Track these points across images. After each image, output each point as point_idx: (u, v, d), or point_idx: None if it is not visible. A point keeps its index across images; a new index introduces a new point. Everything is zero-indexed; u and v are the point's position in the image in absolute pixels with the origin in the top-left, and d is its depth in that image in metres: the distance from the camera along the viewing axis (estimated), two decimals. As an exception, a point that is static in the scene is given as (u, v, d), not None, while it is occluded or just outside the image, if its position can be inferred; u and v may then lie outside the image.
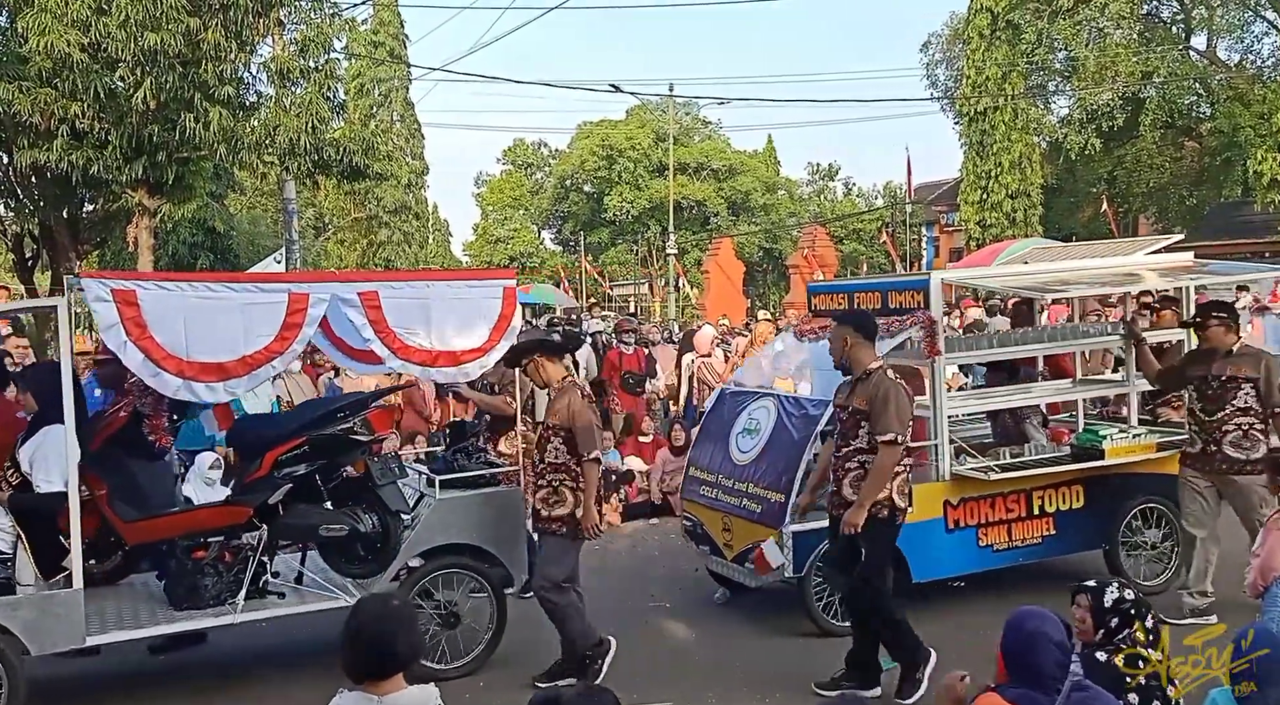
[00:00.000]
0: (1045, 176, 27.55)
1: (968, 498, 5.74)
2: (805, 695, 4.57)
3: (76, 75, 11.12)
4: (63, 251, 13.43)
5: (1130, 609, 3.17)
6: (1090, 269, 6.58)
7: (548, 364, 5.07)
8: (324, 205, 35.00)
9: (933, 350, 5.68)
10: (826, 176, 54.28)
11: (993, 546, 5.81)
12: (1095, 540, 6.05)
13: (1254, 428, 5.34)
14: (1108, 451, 5.80)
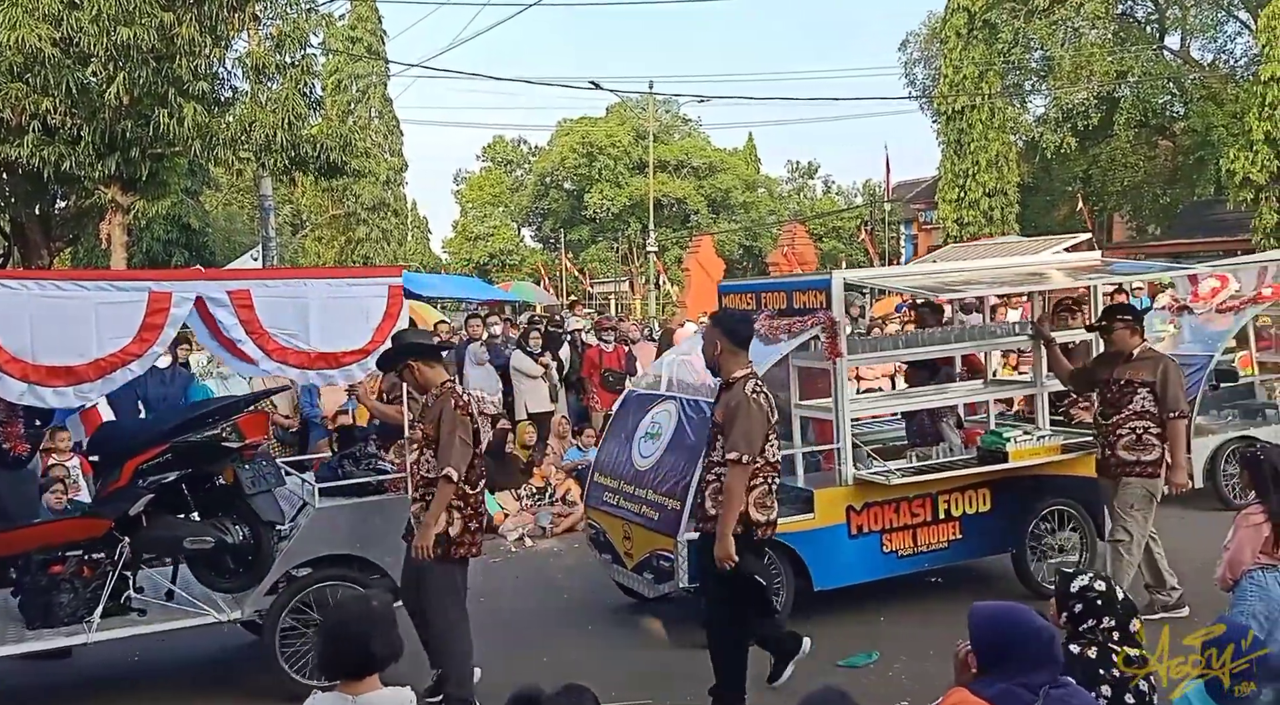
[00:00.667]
0: (1022, 175, 27.74)
1: (871, 503, 5.62)
2: (785, 696, 4.58)
3: (48, 70, 10.97)
4: (35, 248, 13.26)
5: (1097, 599, 3.12)
6: (996, 268, 6.53)
7: (425, 368, 4.66)
8: (301, 202, 34.69)
9: (834, 351, 5.56)
10: (806, 174, 54.49)
11: (897, 552, 5.71)
12: (1003, 544, 5.97)
13: (1149, 432, 5.33)
14: (1011, 454, 5.71)
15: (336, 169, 14.17)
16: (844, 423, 5.57)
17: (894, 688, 4.71)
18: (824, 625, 5.61)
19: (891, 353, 6.34)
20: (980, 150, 26.24)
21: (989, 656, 2.64)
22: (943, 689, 2.67)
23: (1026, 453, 5.77)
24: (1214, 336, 8.15)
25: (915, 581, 6.30)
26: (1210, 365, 7.86)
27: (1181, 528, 7.12)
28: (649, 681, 4.90)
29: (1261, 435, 7.80)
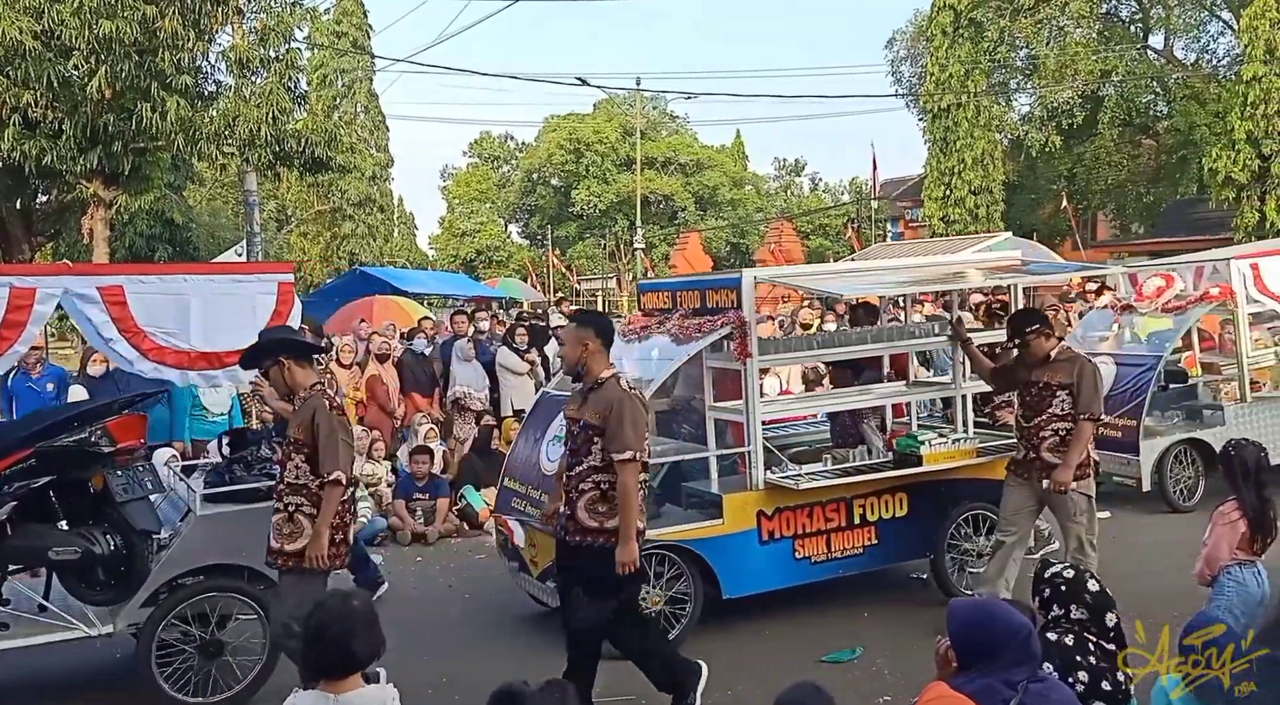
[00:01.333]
0: (1007, 173, 27.87)
1: (783, 507, 5.45)
2: (769, 687, 4.59)
3: (29, 63, 10.86)
4: (16, 243, 13.13)
5: (1061, 586, 3.17)
6: (915, 268, 6.42)
7: (295, 369, 4.37)
8: (287, 198, 34.52)
9: (743, 352, 5.37)
10: (793, 172, 54.65)
11: (810, 558, 5.56)
12: (921, 549, 5.85)
13: (1071, 434, 5.24)
14: (925, 458, 5.56)
15: (321, 164, 14.08)
16: (754, 426, 5.38)
17: (877, 682, 4.73)
18: (807, 620, 5.65)
19: (806, 353, 6.15)
20: (966, 148, 26.35)
21: (968, 652, 2.66)
22: (925, 684, 2.69)
23: (941, 456, 5.61)
24: (1161, 336, 8.08)
25: (899, 576, 6.34)
26: (1160, 365, 7.79)
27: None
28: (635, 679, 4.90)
29: (1208, 437, 7.78)
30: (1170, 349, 7.96)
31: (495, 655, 5.32)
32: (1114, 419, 7.55)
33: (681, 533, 5.30)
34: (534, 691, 2.30)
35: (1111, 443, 7.65)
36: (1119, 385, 7.74)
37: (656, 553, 5.14)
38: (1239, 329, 8.02)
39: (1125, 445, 7.72)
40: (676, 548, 5.25)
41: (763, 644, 5.35)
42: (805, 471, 5.59)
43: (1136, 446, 7.65)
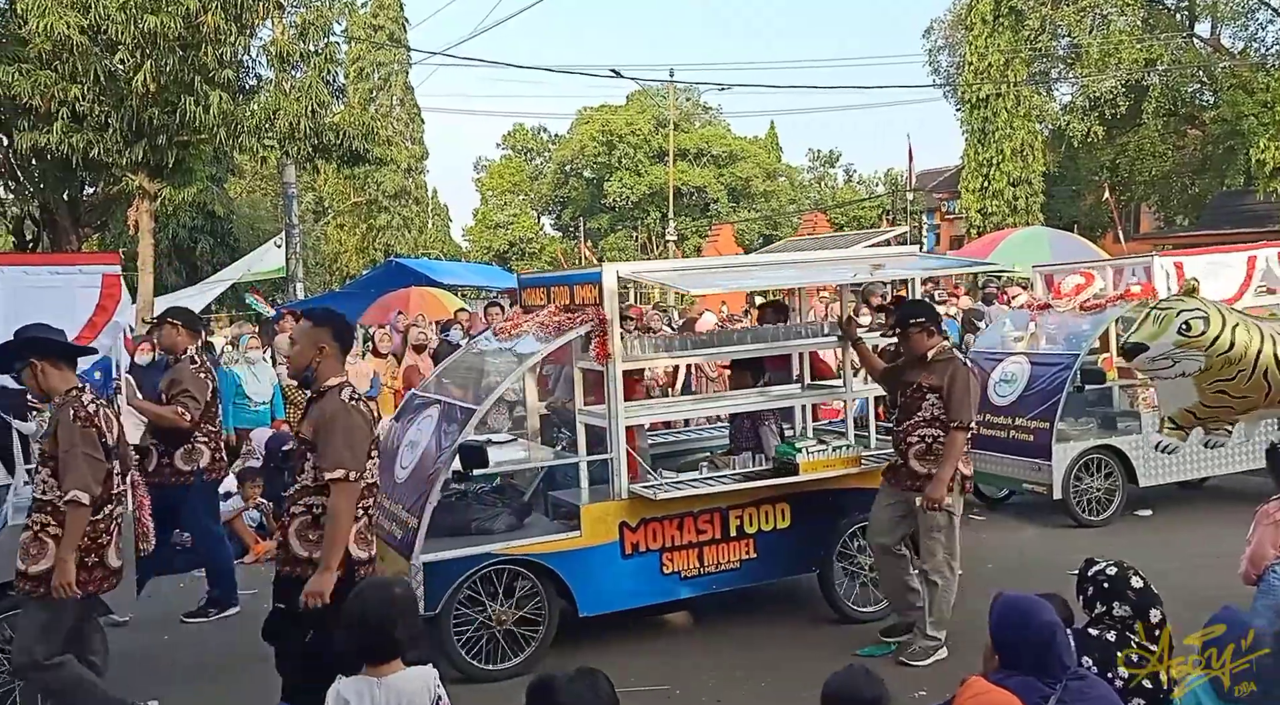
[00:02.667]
0: (1047, 164, 27.44)
1: (649, 518, 5.07)
2: (800, 682, 4.60)
3: (76, 58, 11.11)
4: (63, 234, 13.44)
5: (1104, 583, 3.18)
6: (788, 262, 6.00)
7: (50, 371, 3.93)
8: (324, 190, 34.93)
9: (603, 353, 4.97)
10: (827, 163, 54.20)
11: (680, 573, 5.18)
12: (806, 563, 5.47)
13: (939, 441, 4.87)
14: (801, 466, 5.19)
15: (358, 157, 14.26)
16: (617, 431, 5.02)
17: (911, 677, 4.72)
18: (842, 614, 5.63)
19: (678, 354, 5.66)
20: (1005, 139, 25.98)
21: (1006, 649, 2.68)
22: (960, 678, 2.69)
23: (821, 464, 5.24)
24: (1078, 336, 7.67)
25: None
26: (1075, 365, 7.35)
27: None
28: (669, 669, 4.94)
29: (1123, 445, 7.38)
30: (1086, 348, 7.51)
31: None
32: (1026, 421, 7.31)
33: (532, 546, 4.91)
34: (566, 681, 2.32)
35: (1022, 447, 7.32)
36: (1033, 386, 7.44)
37: (505, 568, 4.82)
38: None
39: (1037, 449, 7.24)
40: (527, 562, 4.88)
41: (799, 636, 5.34)
42: (672, 480, 5.21)
43: (1049, 451, 7.14)
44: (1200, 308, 3.88)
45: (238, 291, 22.10)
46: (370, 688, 2.68)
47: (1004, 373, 7.77)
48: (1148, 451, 7.21)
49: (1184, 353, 3.83)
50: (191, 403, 5.64)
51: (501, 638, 4.84)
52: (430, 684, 2.73)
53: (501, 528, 4.99)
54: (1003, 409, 7.52)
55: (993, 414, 7.53)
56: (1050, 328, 8.01)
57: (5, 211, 13.61)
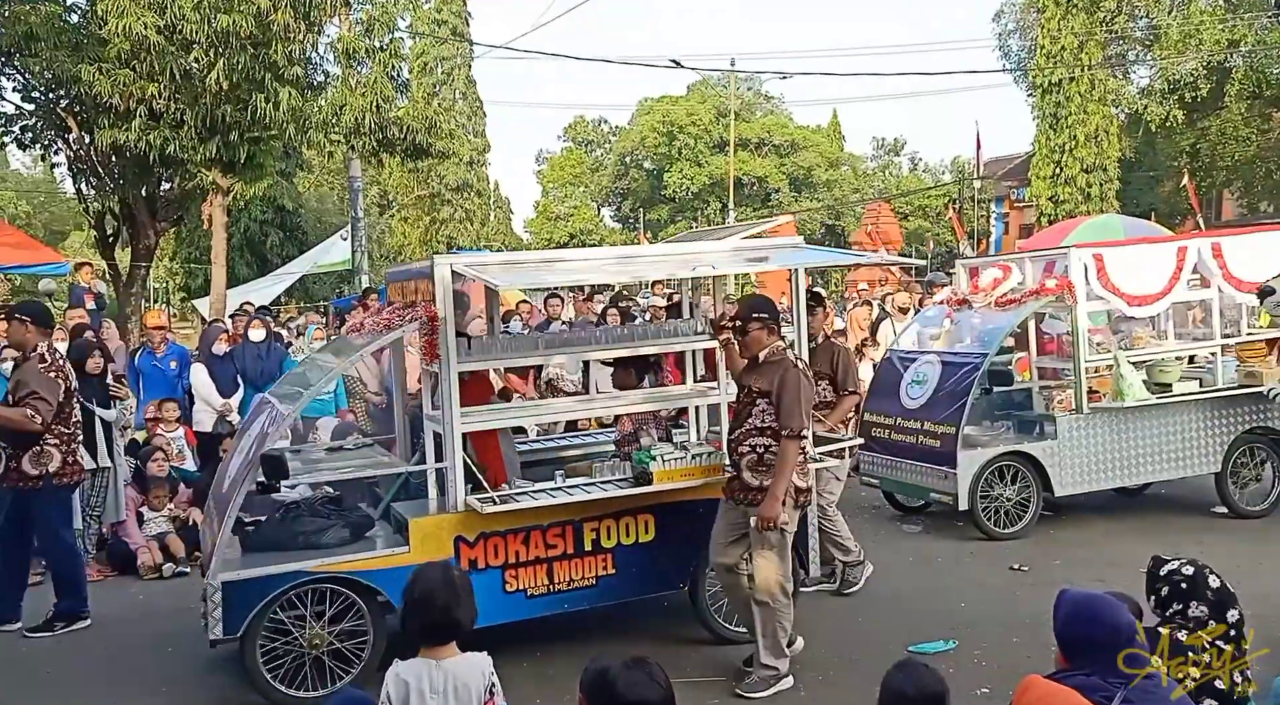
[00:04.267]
0: (1123, 150, 26.56)
1: (489, 533, 4.69)
2: (860, 672, 4.54)
3: (153, 57, 11.47)
4: (142, 229, 13.91)
5: (1182, 583, 3.09)
6: (640, 257, 5.54)
7: None
8: (388, 183, 35.57)
9: (432, 353, 4.61)
10: (892, 152, 53.30)
11: (525, 592, 4.77)
12: (673, 579, 5.03)
13: (770, 450, 4.48)
14: (655, 476, 4.80)
15: (422, 150, 14.47)
16: (453, 437, 4.61)
17: (974, 675, 4.61)
18: (901, 609, 5.55)
19: (524, 355, 5.19)
20: (1078, 124, 25.23)
21: (1071, 648, 2.60)
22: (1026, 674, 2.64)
23: (678, 474, 4.84)
24: (990, 334, 7.10)
25: (998, 567, 6.17)
26: (984, 366, 6.79)
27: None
28: (724, 660, 4.93)
29: (1036, 451, 6.80)
30: (996, 348, 6.95)
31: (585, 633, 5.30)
32: (934, 425, 6.79)
33: (352, 563, 4.49)
34: (621, 669, 2.33)
35: (930, 453, 6.78)
36: (942, 388, 6.87)
37: (321, 587, 4.45)
38: (1076, 329, 6.87)
39: (942, 456, 6.68)
40: (347, 581, 4.48)
41: (851, 628, 5.28)
42: (517, 491, 4.83)
43: (954, 458, 6.60)
44: None
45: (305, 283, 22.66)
46: (429, 670, 2.71)
47: (916, 373, 7.22)
48: (1064, 458, 6.77)
49: None
50: (42, 405, 5.32)
51: (327, 659, 4.47)
52: (485, 670, 2.76)
53: (332, 542, 4.59)
54: (913, 412, 7.01)
55: (904, 417, 7.08)
56: (964, 325, 7.47)
57: (88, 207, 14.14)
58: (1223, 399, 7.12)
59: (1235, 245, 7.18)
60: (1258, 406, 7.17)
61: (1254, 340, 7.30)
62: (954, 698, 2.57)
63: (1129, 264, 6.94)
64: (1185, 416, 7.05)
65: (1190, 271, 7.08)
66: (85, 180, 13.87)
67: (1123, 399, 6.80)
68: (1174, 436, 7.02)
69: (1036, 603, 4.79)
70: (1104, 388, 7.03)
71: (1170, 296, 7.03)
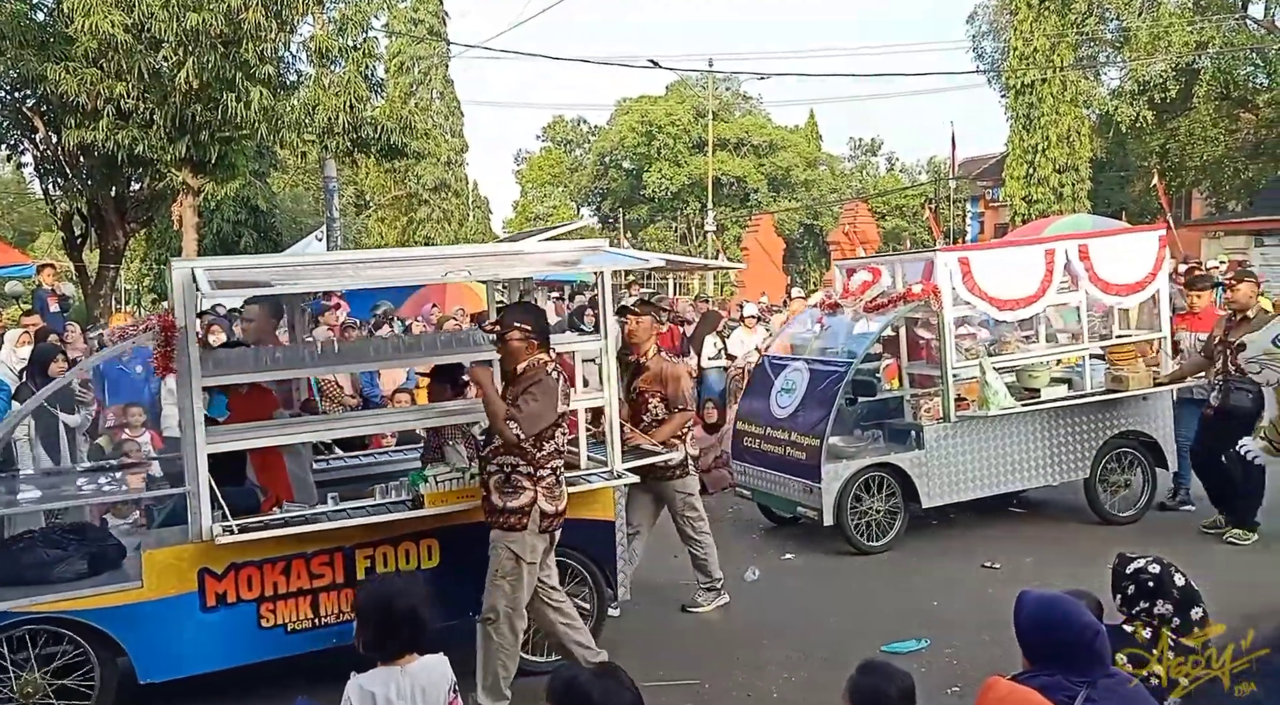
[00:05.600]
0: (1094, 150, 26.85)
1: (243, 563, 4.22)
2: (832, 672, 4.56)
3: (121, 55, 11.34)
4: (110, 229, 13.74)
5: (1149, 582, 3.09)
6: (407, 260, 5.14)
7: None
8: (365, 183, 35.34)
9: (165, 367, 4.17)
10: (869, 152, 53.56)
11: (286, 626, 4.32)
12: (462, 607, 4.48)
13: (518, 469, 4.10)
14: (427, 499, 4.38)
15: (397, 151, 14.40)
16: (198, 460, 4.12)
17: (945, 673, 4.65)
18: (873, 608, 5.57)
19: (267, 372, 4.67)
20: (1051, 125, 25.47)
21: (1034, 648, 2.61)
22: (997, 673, 2.64)
23: (452, 496, 4.41)
24: (857, 340, 6.82)
25: (970, 566, 6.21)
26: (849, 374, 6.49)
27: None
28: (699, 662, 4.93)
29: (902, 462, 6.52)
30: (862, 355, 6.67)
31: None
32: (800, 436, 6.48)
33: (71, 601, 3.99)
34: (589, 675, 2.32)
35: (797, 465, 6.48)
36: (809, 397, 6.56)
37: (39, 629, 4.00)
38: (943, 334, 6.57)
39: (807, 469, 6.39)
40: (68, 621, 4.01)
41: (826, 630, 5.29)
42: (270, 519, 4.33)
43: (819, 472, 6.29)
44: None
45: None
46: (394, 677, 2.70)
47: (785, 381, 6.88)
48: (931, 468, 6.53)
49: (1271, 361, 3.60)
50: None
51: None
52: (447, 671, 2.75)
53: (68, 575, 4.10)
54: (782, 421, 6.69)
55: (773, 427, 6.75)
56: (835, 330, 7.18)
57: (54, 207, 13.95)
58: (1092, 404, 6.88)
59: (1102, 247, 6.94)
60: (1127, 411, 6.98)
61: (1123, 344, 7.12)
62: (925, 696, 2.58)
63: (997, 268, 6.65)
64: (1054, 422, 6.81)
65: (1060, 274, 6.78)
66: (52, 180, 13.68)
67: (988, 407, 6.51)
68: (1043, 443, 6.78)
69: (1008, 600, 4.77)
70: (972, 395, 6.72)
71: (1044, 299, 6.74)
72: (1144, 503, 7.05)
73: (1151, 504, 7.09)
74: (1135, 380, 6.83)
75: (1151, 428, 7.06)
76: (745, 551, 6.55)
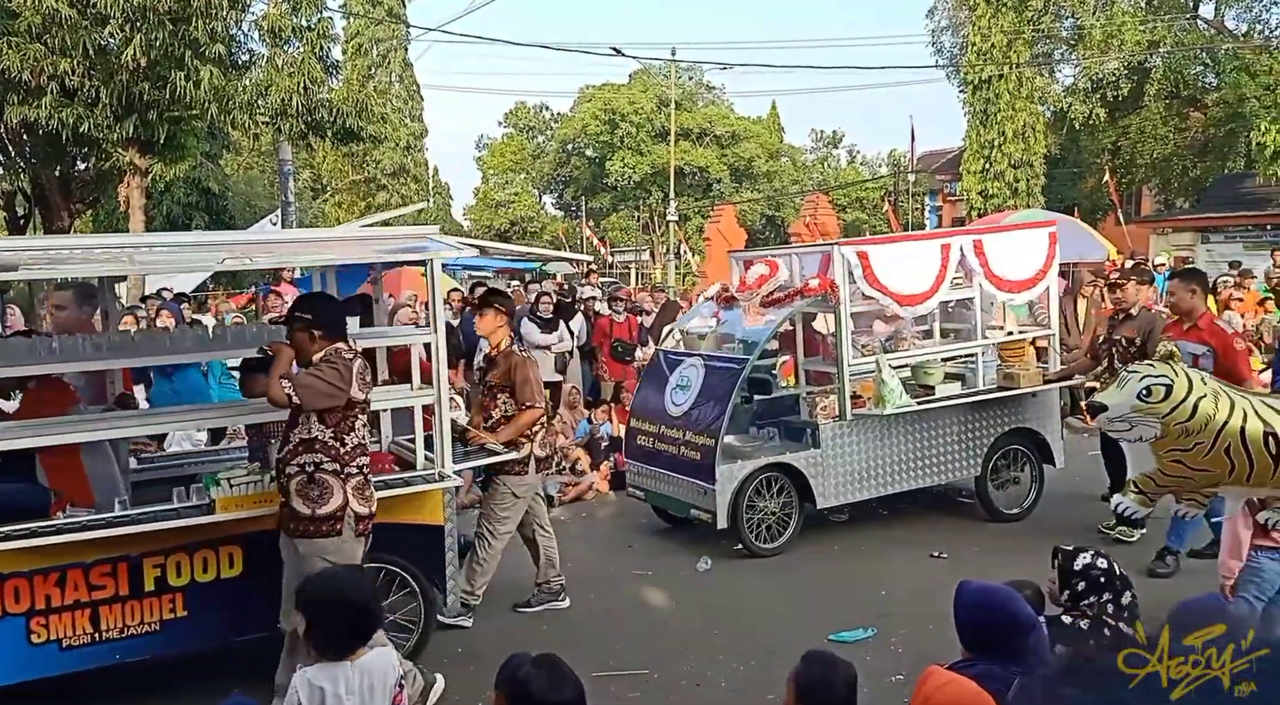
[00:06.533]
0: (1048, 146, 27.28)
1: (7, 574, 3.88)
2: (780, 661, 4.60)
3: (65, 31, 11.00)
4: (55, 210, 13.38)
5: (1100, 577, 3.17)
6: (212, 244, 4.84)
7: None
8: (322, 167, 34.77)
9: None
10: (831, 144, 53.94)
11: (60, 642, 4.00)
12: (267, 620, 4.18)
13: (322, 468, 3.80)
14: (219, 504, 4.09)
15: (353, 134, 14.16)
16: None
17: (890, 662, 4.71)
18: (822, 597, 5.63)
19: (19, 364, 4.26)
20: (1007, 120, 25.81)
21: (971, 638, 2.65)
22: (940, 661, 2.68)
23: (248, 501, 4.12)
24: (754, 336, 6.60)
25: (919, 555, 6.30)
26: (745, 371, 6.30)
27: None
28: (649, 652, 4.94)
29: (798, 461, 6.33)
30: (759, 351, 6.44)
31: (511, 626, 5.37)
32: (695, 436, 6.26)
33: None
34: (529, 666, 2.34)
35: (691, 466, 6.26)
36: (705, 394, 6.34)
37: None
38: (840, 331, 6.38)
39: (701, 470, 6.17)
40: None
41: (777, 622, 5.33)
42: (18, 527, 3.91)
43: (713, 472, 6.08)
44: (1166, 375, 3.69)
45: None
46: (344, 672, 2.66)
47: (680, 377, 6.64)
48: (826, 468, 6.38)
49: (1140, 418, 3.69)
50: None
51: None
52: (394, 662, 2.73)
53: None
54: (676, 420, 6.46)
55: (667, 426, 6.52)
56: (732, 325, 6.96)
57: (-3, 187, 13.57)
58: (984, 401, 6.83)
59: (997, 243, 6.83)
60: (1017, 408, 6.95)
61: (1015, 340, 7.05)
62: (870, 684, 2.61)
63: (895, 262, 6.47)
64: (947, 420, 6.72)
65: (955, 269, 6.66)
66: (-6, 159, 13.27)
67: (884, 406, 6.33)
68: (937, 442, 6.69)
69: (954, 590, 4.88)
70: (868, 392, 6.57)
71: (937, 295, 6.60)
72: (1031, 500, 7.01)
73: (1039, 501, 7.03)
74: (1026, 378, 6.80)
75: (1040, 425, 7.03)
76: (697, 541, 6.58)
